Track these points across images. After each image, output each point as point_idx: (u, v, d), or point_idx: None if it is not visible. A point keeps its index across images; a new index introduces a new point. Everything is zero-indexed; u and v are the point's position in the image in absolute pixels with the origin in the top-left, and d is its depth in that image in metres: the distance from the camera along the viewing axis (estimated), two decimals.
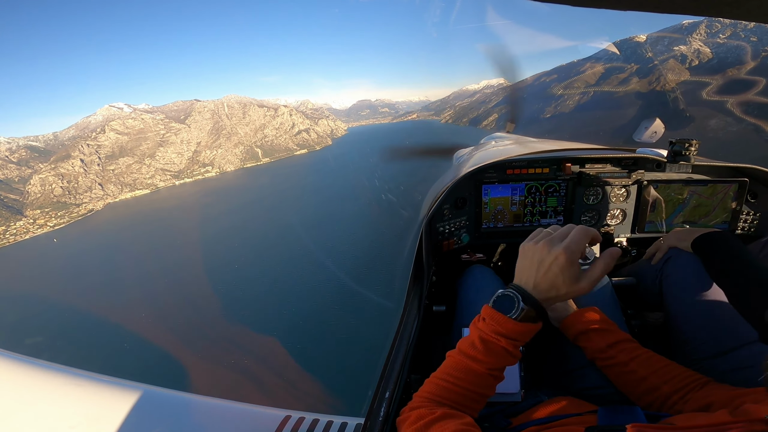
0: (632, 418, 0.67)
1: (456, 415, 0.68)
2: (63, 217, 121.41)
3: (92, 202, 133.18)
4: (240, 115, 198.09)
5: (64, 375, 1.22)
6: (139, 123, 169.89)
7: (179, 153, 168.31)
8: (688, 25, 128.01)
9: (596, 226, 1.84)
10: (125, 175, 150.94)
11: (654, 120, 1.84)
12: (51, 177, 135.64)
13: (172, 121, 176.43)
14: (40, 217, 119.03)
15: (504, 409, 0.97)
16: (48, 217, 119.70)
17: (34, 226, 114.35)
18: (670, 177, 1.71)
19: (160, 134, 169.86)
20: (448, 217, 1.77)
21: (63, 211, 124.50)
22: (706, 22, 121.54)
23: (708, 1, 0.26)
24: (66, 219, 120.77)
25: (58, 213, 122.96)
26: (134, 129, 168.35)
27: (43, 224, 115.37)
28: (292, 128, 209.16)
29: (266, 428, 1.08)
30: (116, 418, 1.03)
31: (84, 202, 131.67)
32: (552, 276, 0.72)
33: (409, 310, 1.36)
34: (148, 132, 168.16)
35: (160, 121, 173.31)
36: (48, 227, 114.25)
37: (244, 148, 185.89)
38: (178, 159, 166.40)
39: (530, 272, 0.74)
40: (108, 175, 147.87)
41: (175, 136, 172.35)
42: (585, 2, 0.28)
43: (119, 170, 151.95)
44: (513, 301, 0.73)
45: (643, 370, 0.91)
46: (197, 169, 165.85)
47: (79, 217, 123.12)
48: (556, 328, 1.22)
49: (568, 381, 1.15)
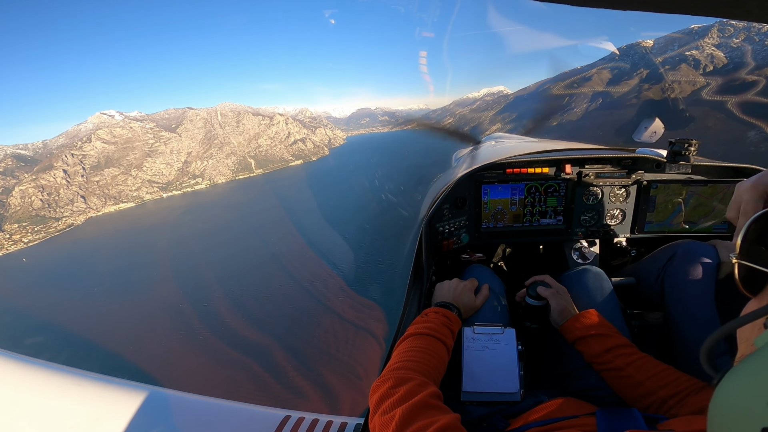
0: (630, 421, 0.70)
1: None
2: (39, 233, 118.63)
3: (73, 216, 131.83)
4: (234, 123, 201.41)
5: (64, 375, 1.25)
6: (127, 131, 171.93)
7: (168, 164, 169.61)
8: (699, 29, 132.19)
9: (596, 226, 1.93)
10: (110, 187, 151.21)
11: (654, 120, 1.97)
12: (31, 189, 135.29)
13: (162, 129, 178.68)
14: (17, 231, 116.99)
15: (504, 409, 1.02)
16: (24, 232, 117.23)
17: (9, 242, 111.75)
18: (669, 177, 1.78)
19: (149, 144, 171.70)
20: (448, 217, 1.85)
21: (41, 226, 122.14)
22: (717, 26, 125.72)
23: (708, 1, 0.27)
24: (42, 235, 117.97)
25: (35, 228, 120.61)
26: (122, 138, 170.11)
27: (18, 240, 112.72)
28: (287, 138, 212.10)
29: (266, 428, 1.13)
30: (116, 418, 1.07)
31: (64, 216, 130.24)
32: None
33: (408, 310, 1.42)
34: (136, 141, 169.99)
35: (150, 130, 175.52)
36: (22, 243, 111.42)
37: (237, 159, 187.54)
38: (166, 170, 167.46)
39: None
40: (92, 187, 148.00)
41: (164, 145, 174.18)
42: (585, 2, 0.29)
43: (104, 182, 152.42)
44: None
45: (639, 375, 0.96)
46: (186, 180, 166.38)
47: (56, 232, 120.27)
48: (556, 330, 1.27)
49: (567, 381, 1.21)
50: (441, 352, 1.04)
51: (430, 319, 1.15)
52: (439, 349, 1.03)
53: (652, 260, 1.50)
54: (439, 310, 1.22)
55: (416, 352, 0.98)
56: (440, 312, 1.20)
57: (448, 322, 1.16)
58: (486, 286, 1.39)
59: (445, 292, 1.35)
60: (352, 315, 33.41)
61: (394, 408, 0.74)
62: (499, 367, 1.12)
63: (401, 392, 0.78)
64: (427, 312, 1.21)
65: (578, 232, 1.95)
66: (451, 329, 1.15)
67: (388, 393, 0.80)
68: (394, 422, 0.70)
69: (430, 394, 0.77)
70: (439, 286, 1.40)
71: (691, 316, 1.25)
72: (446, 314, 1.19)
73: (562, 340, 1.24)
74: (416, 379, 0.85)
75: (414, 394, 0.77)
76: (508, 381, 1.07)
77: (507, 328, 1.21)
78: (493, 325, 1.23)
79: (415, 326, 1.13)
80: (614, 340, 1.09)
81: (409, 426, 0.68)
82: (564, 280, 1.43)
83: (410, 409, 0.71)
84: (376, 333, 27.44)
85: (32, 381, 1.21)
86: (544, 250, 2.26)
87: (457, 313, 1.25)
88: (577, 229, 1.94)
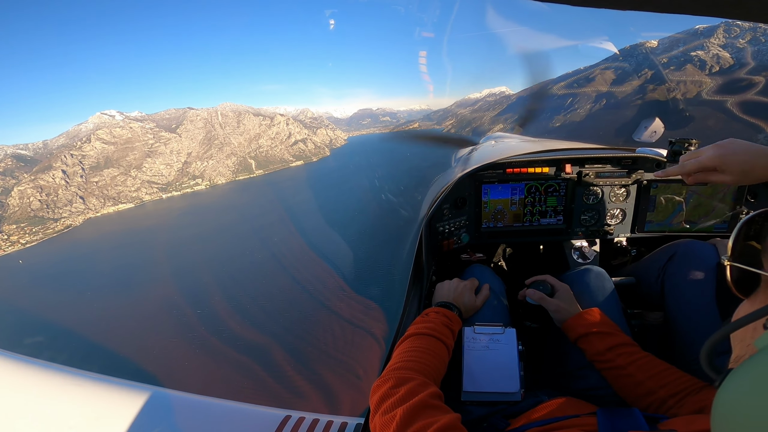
0: (631, 421, 0.71)
1: None
2: (37, 234, 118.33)
3: (71, 216, 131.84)
4: (234, 124, 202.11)
5: (64, 375, 1.26)
6: (126, 132, 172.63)
7: (168, 164, 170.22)
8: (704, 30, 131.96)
9: (596, 225, 1.94)
10: (109, 188, 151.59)
11: (654, 119, 2.00)
12: (30, 189, 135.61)
13: (162, 130, 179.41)
14: (15, 232, 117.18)
15: (504, 409, 1.04)
16: (22, 233, 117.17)
17: (6, 244, 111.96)
18: None
19: (149, 144, 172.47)
20: (448, 216, 1.87)
21: (39, 227, 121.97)
22: (723, 26, 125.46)
23: (708, 1, 0.27)
24: (40, 236, 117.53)
25: (33, 229, 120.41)
26: (121, 138, 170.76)
27: (16, 241, 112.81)
28: (288, 138, 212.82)
29: (266, 428, 1.14)
30: (116, 418, 1.08)
31: (63, 217, 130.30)
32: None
33: (408, 310, 1.44)
34: (136, 141, 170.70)
35: (150, 130, 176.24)
36: (20, 245, 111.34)
37: (237, 160, 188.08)
38: (166, 170, 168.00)
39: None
40: (91, 188, 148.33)
41: (164, 146, 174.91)
42: (585, 2, 0.29)
43: (103, 182, 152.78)
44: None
45: (640, 374, 0.98)
46: (186, 181, 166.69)
47: (54, 233, 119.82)
48: (557, 329, 1.28)
49: (568, 381, 1.21)
50: (441, 352, 1.06)
51: (431, 319, 1.17)
52: (439, 349, 1.05)
53: (652, 260, 1.51)
54: (439, 310, 1.23)
55: (417, 352, 1.00)
56: (441, 312, 1.21)
57: (449, 322, 1.17)
58: (486, 286, 1.40)
59: (445, 292, 1.36)
60: (352, 315, 33.81)
61: (395, 408, 0.75)
62: (500, 367, 1.13)
63: (402, 392, 0.79)
64: (428, 312, 1.23)
65: (578, 231, 1.96)
66: (452, 329, 1.16)
67: (388, 393, 0.81)
68: (395, 422, 0.71)
69: (430, 394, 0.78)
70: (440, 286, 1.41)
71: (691, 315, 1.26)
72: (447, 314, 1.20)
73: (563, 340, 1.25)
74: (417, 379, 0.86)
75: (415, 394, 0.78)
76: (508, 381, 1.08)
77: (507, 327, 1.22)
78: (493, 324, 1.24)
79: (416, 326, 1.14)
80: (617, 338, 1.10)
81: (409, 426, 0.68)
82: (565, 280, 1.44)
83: (411, 409, 0.72)
84: (376, 333, 27.74)
85: (32, 381, 1.22)
86: (544, 250, 2.28)
87: (458, 313, 1.26)
88: (578, 229, 1.96)
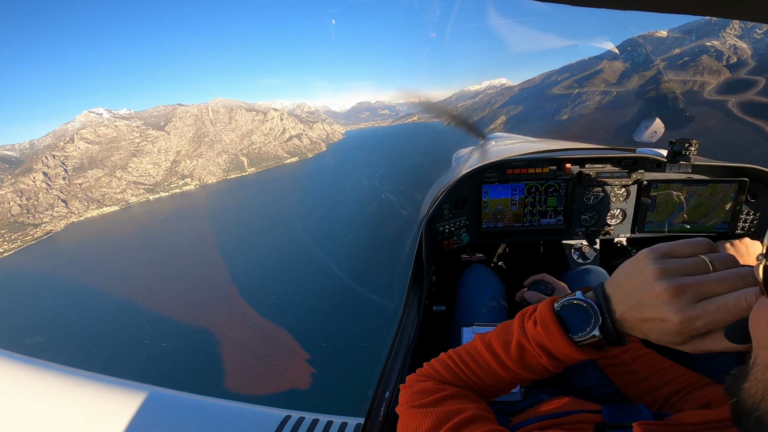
0: (638, 416, 0.71)
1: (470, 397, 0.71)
2: (15, 241, 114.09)
3: (53, 221, 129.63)
4: (226, 120, 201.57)
5: (64, 375, 1.31)
6: (111, 131, 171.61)
7: (156, 164, 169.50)
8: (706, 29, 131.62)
9: (596, 225, 2.03)
10: (93, 190, 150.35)
11: (654, 119, 2.09)
12: (9, 194, 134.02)
13: (149, 128, 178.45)
14: None
15: (504, 408, 1.05)
16: (2, 240, 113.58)
17: None
18: (670, 177, 1.87)
19: (135, 143, 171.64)
20: (448, 216, 1.95)
21: (18, 234, 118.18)
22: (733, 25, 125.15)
23: (708, 1, 0.27)
24: (18, 243, 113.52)
25: (12, 236, 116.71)
26: (106, 137, 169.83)
27: None
28: (282, 134, 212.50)
29: (266, 428, 1.17)
30: (116, 418, 1.12)
31: (44, 222, 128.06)
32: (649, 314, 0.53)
33: (409, 310, 1.49)
34: (122, 140, 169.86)
35: (136, 128, 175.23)
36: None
37: (229, 157, 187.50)
38: (154, 170, 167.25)
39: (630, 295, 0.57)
40: (74, 190, 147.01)
41: (151, 144, 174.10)
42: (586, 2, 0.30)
43: (87, 184, 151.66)
44: (587, 320, 0.60)
45: (645, 371, 0.99)
46: (175, 181, 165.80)
47: (33, 240, 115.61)
48: None
49: (568, 380, 1.22)
50: (498, 381, 0.84)
51: (527, 329, 0.74)
52: (495, 377, 0.83)
53: None
54: (551, 323, 0.72)
55: None
56: (544, 328, 0.72)
57: None
58: None
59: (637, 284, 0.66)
60: (352, 315, 34.30)
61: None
62: None
63: None
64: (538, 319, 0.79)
65: (578, 231, 2.04)
66: None
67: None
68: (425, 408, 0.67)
69: None
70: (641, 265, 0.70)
71: None
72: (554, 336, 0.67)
73: None
74: None
75: None
76: None
77: None
78: (493, 325, 1.27)
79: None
80: None
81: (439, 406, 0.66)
82: (565, 280, 1.49)
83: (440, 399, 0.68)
84: (376, 333, 28.12)
85: (32, 381, 1.26)
86: (545, 250, 2.36)
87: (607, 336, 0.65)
88: (578, 229, 2.04)
